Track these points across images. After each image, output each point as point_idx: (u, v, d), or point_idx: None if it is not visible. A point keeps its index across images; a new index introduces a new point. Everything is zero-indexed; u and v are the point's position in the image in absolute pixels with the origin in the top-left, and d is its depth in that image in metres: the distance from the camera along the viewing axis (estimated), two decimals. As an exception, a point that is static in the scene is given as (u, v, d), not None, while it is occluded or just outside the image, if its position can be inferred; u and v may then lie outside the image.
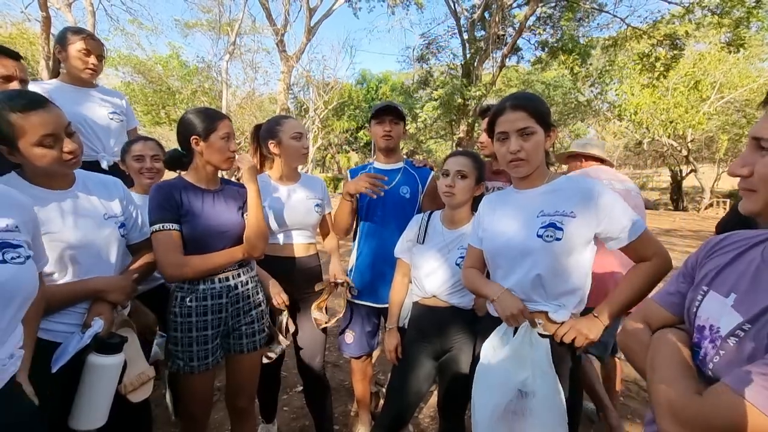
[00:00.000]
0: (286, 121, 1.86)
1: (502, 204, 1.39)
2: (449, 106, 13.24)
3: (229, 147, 1.49)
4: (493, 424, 1.24)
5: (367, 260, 2.02)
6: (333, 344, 2.83)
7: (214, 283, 1.47)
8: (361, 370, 2.19)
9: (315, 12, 14.96)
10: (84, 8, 11.20)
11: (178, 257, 1.37)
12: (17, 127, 1.05)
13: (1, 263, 0.83)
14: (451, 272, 1.58)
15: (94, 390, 1.14)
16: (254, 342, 1.60)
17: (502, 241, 1.33)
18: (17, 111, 1.04)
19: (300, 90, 21.62)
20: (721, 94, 15.85)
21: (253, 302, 1.60)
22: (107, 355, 1.15)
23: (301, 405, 2.48)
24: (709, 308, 0.75)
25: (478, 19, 12.86)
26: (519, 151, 1.23)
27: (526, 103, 1.24)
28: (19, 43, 16.81)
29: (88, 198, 1.28)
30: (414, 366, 1.64)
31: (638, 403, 2.65)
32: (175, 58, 20.76)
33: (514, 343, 1.25)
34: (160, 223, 1.37)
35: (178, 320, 1.45)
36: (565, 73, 14.09)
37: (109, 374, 1.17)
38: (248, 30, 18.31)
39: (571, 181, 1.28)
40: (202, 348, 1.46)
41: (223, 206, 1.52)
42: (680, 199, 18.47)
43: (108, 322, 1.23)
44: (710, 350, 0.71)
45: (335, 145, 25.37)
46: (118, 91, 2.57)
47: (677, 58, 10.50)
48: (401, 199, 1.95)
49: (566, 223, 1.20)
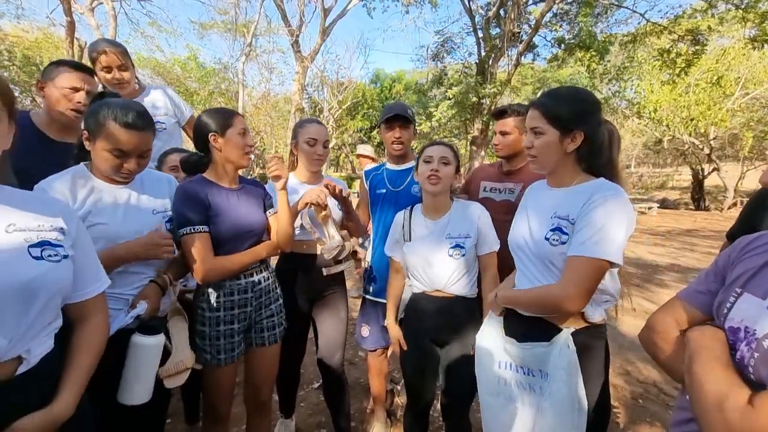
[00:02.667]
0: (306, 126, 1.89)
1: (534, 197, 1.40)
2: (464, 105, 13.13)
3: (246, 142, 1.53)
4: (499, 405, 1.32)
5: (381, 259, 2.05)
6: (349, 342, 2.86)
7: (240, 279, 1.53)
8: (377, 365, 2.23)
9: (329, 12, 15.02)
10: (106, 12, 11.51)
11: (209, 260, 1.41)
12: (105, 131, 1.20)
13: (36, 259, 0.85)
14: (446, 263, 1.60)
15: (136, 367, 1.23)
16: (275, 335, 1.66)
17: (515, 233, 1.38)
18: (118, 122, 1.20)
19: (314, 90, 21.77)
20: (746, 90, 15.31)
21: (273, 296, 1.67)
22: (146, 336, 1.23)
23: (318, 401, 2.52)
24: (744, 310, 0.73)
25: (493, 16, 12.72)
26: (530, 148, 1.28)
27: (543, 103, 1.25)
28: (45, 48, 17.37)
29: (141, 194, 1.37)
30: (422, 355, 1.69)
31: (658, 405, 2.61)
32: (192, 59, 21.14)
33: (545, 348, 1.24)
34: (190, 226, 1.40)
35: (206, 314, 1.50)
36: (581, 71, 13.83)
37: (148, 353, 1.24)
38: (264, 31, 18.50)
39: (594, 186, 1.21)
40: (229, 341, 1.52)
41: (246, 205, 1.56)
42: (702, 199, 17.91)
43: (152, 305, 1.31)
44: (746, 353, 0.70)
45: (349, 144, 25.44)
46: (158, 88, 2.39)
47: (699, 53, 10.19)
48: (413, 199, 1.97)
49: (570, 229, 1.18)
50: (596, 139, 1.22)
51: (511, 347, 1.32)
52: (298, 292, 1.90)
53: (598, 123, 1.23)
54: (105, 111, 1.20)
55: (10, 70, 16.95)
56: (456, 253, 1.58)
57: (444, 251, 1.59)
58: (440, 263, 1.60)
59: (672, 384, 2.84)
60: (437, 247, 1.61)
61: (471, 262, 1.62)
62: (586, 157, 1.25)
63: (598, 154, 1.24)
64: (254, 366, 1.68)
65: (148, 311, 1.28)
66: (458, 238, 1.60)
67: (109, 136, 1.20)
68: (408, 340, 1.73)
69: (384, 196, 2.09)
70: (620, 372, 3.07)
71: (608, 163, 1.27)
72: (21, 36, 17.54)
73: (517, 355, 1.30)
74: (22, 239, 0.85)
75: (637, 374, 3.05)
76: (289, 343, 1.96)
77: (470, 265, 1.62)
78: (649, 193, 21.92)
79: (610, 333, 1.32)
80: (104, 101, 1.24)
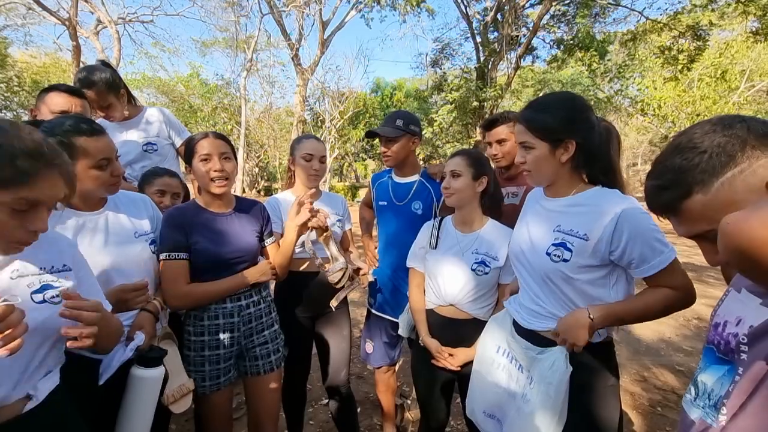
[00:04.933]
0: (303, 142, 1.88)
1: (533, 206, 1.36)
2: (464, 109, 13.15)
3: (210, 167, 1.40)
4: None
5: (384, 274, 2.03)
6: (357, 356, 2.82)
7: (225, 303, 1.48)
8: (385, 381, 2.19)
9: (328, 25, 15.22)
10: (110, 35, 11.76)
11: (180, 288, 1.39)
12: (81, 150, 1.12)
13: (39, 303, 0.86)
14: (467, 278, 1.55)
15: (137, 401, 1.19)
16: (270, 363, 1.60)
17: (518, 245, 1.33)
18: (85, 135, 1.12)
19: (316, 101, 21.97)
20: (752, 82, 15.17)
21: (266, 322, 1.60)
22: (148, 368, 1.19)
23: (327, 418, 2.47)
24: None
25: (491, 21, 12.78)
26: (523, 163, 1.23)
27: (527, 117, 1.20)
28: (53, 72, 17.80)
29: (118, 217, 1.30)
30: (435, 378, 1.65)
31: (677, 414, 2.52)
32: (195, 77, 21.52)
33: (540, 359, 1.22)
34: (168, 252, 1.38)
35: (191, 339, 1.47)
36: (582, 71, 13.79)
37: (150, 386, 1.21)
38: (264, 46, 18.80)
39: (597, 198, 1.16)
40: (214, 368, 1.47)
41: (237, 231, 1.51)
42: (712, 194, 17.69)
43: (149, 335, 1.27)
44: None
45: (352, 153, 25.57)
46: (156, 109, 2.32)
47: (701, 49, 10.13)
48: (413, 216, 1.94)
49: (576, 245, 1.13)
50: (591, 145, 1.15)
51: (512, 340, 1.33)
52: (300, 311, 1.87)
53: (590, 127, 1.16)
54: (65, 134, 1.10)
55: (19, 94, 17.39)
56: (479, 269, 1.53)
57: (467, 265, 1.55)
58: (461, 276, 1.55)
59: (691, 389, 2.75)
60: (461, 260, 1.57)
61: (491, 285, 1.57)
62: (583, 165, 1.20)
63: (595, 159, 1.18)
64: (253, 398, 1.61)
65: (146, 341, 1.25)
66: (485, 256, 1.54)
67: (89, 152, 1.13)
68: (420, 357, 1.69)
69: (385, 208, 2.06)
70: (636, 378, 2.98)
71: (608, 166, 1.20)
72: (29, 62, 18.04)
73: (516, 348, 1.31)
74: (25, 285, 0.86)
75: (654, 380, 2.95)
76: (295, 361, 1.92)
77: (490, 288, 1.57)
78: (658, 191, 21.58)
79: (624, 338, 1.25)
80: (50, 129, 1.12)
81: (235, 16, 16.48)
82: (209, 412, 1.51)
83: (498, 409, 1.35)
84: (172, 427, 2.15)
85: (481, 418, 1.42)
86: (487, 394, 1.38)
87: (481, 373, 1.41)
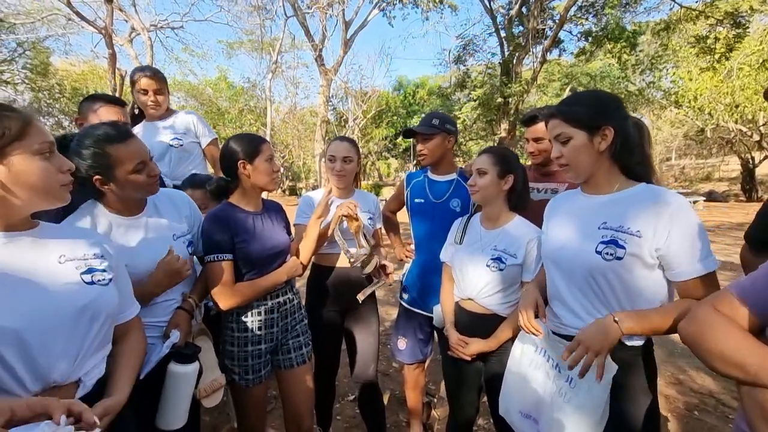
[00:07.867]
0: (331, 144, 1.96)
1: (567, 206, 1.33)
2: (489, 106, 12.96)
3: (273, 167, 1.56)
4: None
5: (418, 271, 2.05)
6: (384, 353, 2.85)
7: (266, 300, 1.56)
8: (413, 378, 2.20)
9: (351, 25, 15.32)
10: (143, 42, 12.28)
11: (230, 288, 1.45)
12: (116, 157, 1.16)
13: (89, 284, 0.93)
14: (480, 274, 1.56)
15: (174, 394, 1.26)
16: (302, 355, 1.67)
17: (555, 246, 1.28)
18: (116, 142, 1.17)
19: (339, 101, 22.20)
20: (797, 70, 14.21)
21: (298, 317, 1.70)
22: (184, 364, 1.26)
23: (354, 414, 2.52)
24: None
25: (516, 14, 12.53)
26: (560, 157, 1.21)
27: (561, 109, 1.19)
28: (90, 79, 18.72)
29: (158, 221, 1.34)
30: (463, 370, 1.68)
31: (716, 419, 2.43)
32: (222, 80, 22.14)
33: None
34: (214, 254, 1.44)
35: (235, 335, 1.54)
36: (612, 63, 13.31)
37: (186, 381, 1.28)
38: (288, 48, 19.13)
39: (647, 193, 1.13)
40: (257, 362, 1.55)
41: (271, 227, 1.60)
42: (753, 189, 16.68)
43: (184, 332, 1.34)
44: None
45: (375, 152, 25.64)
46: (187, 112, 2.60)
47: (741, 36, 9.58)
48: (452, 213, 1.94)
49: (629, 242, 1.08)
50: (627, 133, 1.14)
51: (549, 339, 1.29)
52: (329, 305, 1.92)
53: (624, 116, 1.16)
54: (99, 144, 1.15)
55: (60, 101, 18.38)
56: (494, 265, 1.54)
57: (483, 261, 1.57)
58: (476, 271, 1.58)
59: (732, 394, 2.63)
60: (479, 256, 1.59)
61: (509, 280, 1.56)
62: (621, 155, 1.16)
63: (632, 150, 1.16)
64: (289, 391, 1.67)
65: (182, 338, 1.31)
66: (502, 253, 1.55)
67: (123, 158, 1.16)
68: (448, 351, 1.71)
69: (422, 206, 2.06)
70: (672, 381, 2.88)
71: (644, 159, 1.20)
72: (69, 70, 19.03)
73: (553, 348, 1.27)
74: (73, 267, 0.94)
75: (690, 383, 2.85)
76: (323, 356, 1.97)
77: (508, 283, 1.57)
78: (694, 186, 20.69)
79: (658, 339, 1.21)
80: (80, 142, 1.17)
81: (260, 19, 16.83)
82: (250, 404, 1.57)
83: (534, 409, 1.33)
84: (205, 419, 2.24)
85: (516, 418, 1.40)
86: (524, 393, 1.36)
87: (518, 373, 1.40)
